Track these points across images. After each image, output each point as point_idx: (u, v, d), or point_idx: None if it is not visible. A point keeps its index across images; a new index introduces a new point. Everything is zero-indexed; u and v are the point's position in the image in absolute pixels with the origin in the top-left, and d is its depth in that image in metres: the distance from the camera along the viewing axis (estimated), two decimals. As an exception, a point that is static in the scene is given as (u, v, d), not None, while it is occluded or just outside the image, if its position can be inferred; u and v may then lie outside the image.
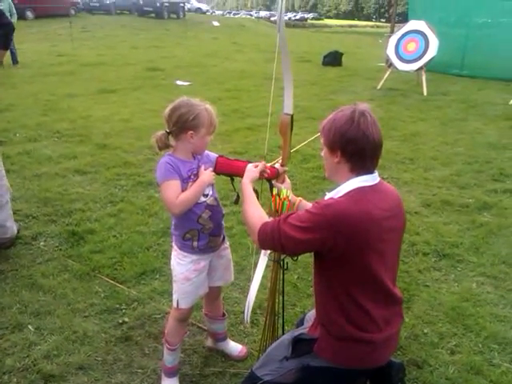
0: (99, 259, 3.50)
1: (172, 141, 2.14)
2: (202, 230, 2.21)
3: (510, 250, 3.86)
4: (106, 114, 7.83)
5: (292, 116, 2.12)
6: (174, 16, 32.30)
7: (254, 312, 3.01)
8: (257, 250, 2.58)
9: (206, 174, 2.17)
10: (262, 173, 2.16)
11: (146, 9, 30.76)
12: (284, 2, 1.92)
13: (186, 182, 2.13)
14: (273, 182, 2.26)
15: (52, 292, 3.12)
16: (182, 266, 2.25)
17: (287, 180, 2.30)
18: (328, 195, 1.85)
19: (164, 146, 2.14)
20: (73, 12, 27.61)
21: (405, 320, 2.91)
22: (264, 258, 2.28)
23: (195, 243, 2.21)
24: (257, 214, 1.92)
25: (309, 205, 2.19)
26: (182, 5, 33.92)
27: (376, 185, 1.79)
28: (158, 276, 3.37)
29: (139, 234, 3.94)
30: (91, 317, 2.91)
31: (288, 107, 2.10)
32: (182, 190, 2.10)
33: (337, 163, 1.79)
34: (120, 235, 3.90)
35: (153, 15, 30.86)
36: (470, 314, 3.05)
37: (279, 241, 1.75)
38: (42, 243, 3.75)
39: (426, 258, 3.74)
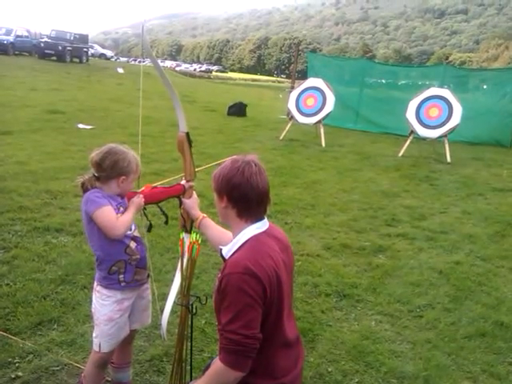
0: (-11, 310, 3.21)
1: (98, 184, 2.17)
2: (129, 260, 2.21)
3: (403, 290, 4.13)
4: (1, 156, 7.35)
5: (188, 133, 2.27)
6: (77, 60, 31.63)
7: (160, 360, 2.93)
8: (163, 297, 2.54)
9: (137, 199, 2.24)
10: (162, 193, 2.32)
11: (47, 52, 29.80)
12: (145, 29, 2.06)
13: (115, 213, 2.15)
14: (181, 197, 2.33)
15: None
16: (105, 306, 2.22)
17: (194, 195, 2.36)
18: (224, 250, 1.87)
19: (92, 188, 2.17)
20: (-36, 49, 26.08)
21: (310, 359, 2.99)
22: (178, 275, 2.31)
23: (121, 276, 2.20)
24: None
25: (212, 222, 2.26)
26: (85, 50, 33.29)
27: (268, 229, 1.87)
28: (55, 326, 3.15)
29: (35, 281, 3.68)
30: (-22, 374, 2.63)
31: (182, 126, 2.28)
32: None
33: (224, 208, 1.86)
34: (13, 283, 3.62)
35: (54, 58, 29.99)
36: (370, 351, 3.19)
37: (241, 346, 1.67)
38: None
39: (328, 299, 3.88)
